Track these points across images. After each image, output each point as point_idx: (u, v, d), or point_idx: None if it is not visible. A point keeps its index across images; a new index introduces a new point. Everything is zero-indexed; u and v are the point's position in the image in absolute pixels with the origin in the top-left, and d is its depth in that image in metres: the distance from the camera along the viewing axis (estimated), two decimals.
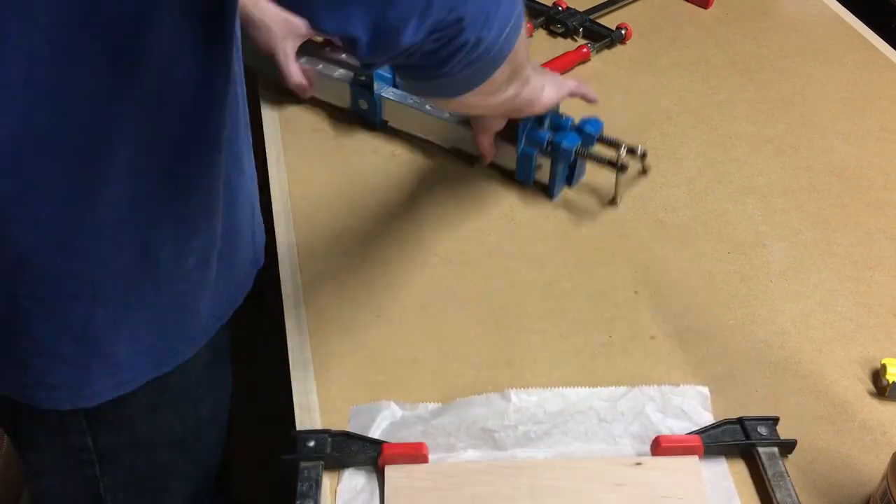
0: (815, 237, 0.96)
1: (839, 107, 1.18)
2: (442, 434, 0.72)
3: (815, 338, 0.85)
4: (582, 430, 0.73)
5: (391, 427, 0.73)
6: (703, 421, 0.75)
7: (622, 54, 1.27)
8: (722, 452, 0.73)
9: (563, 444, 0.72)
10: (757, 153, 1.09)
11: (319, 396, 0.77)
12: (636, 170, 1.00)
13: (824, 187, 1.04)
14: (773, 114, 1.16)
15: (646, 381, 0.79)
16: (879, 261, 0.94)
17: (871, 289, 0.90)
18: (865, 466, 0.72)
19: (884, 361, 0.80)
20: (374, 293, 0.87)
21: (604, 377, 0.80)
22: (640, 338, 0.84)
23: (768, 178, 1.05)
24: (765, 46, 1.30)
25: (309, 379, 0.79)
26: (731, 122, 1.14)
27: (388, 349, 0.82)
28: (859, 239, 0.97)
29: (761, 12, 1.39)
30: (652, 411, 0.74)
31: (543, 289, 0.88)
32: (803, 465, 0.74)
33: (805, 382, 0.80)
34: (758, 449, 0.72)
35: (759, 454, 0.72)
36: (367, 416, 0.74)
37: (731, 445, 0.73)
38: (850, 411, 0.76)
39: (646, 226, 0.97)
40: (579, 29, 1.28)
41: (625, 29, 1.27)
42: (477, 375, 0.80)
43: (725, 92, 1.20)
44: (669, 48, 1.29)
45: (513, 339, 0.83)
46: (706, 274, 0.91)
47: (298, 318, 0.84)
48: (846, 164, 1.08)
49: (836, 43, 1.32)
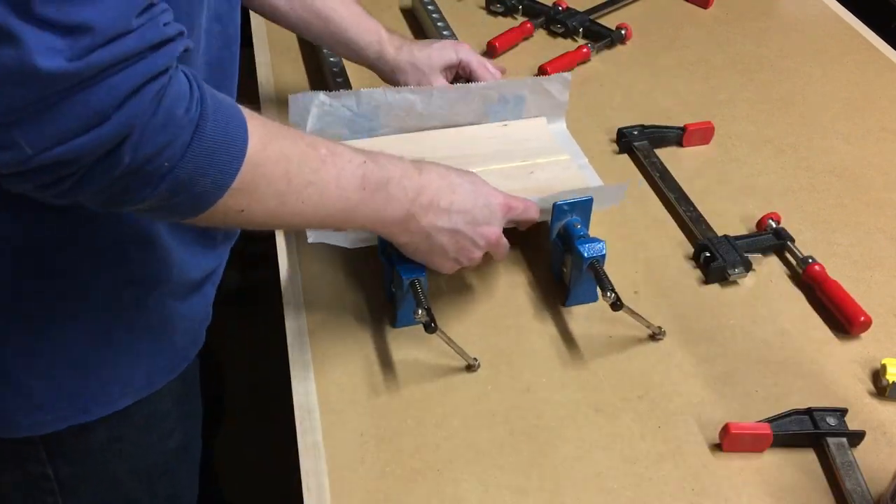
0: (815, 237, 0.96)
1: (839, 107, 1.18)
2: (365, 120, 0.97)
3: (815, 338, 0.85)
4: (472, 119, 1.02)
5: (320, 115, 0.95)
6: (563, 99, 1.03)
7: (622, 54, 1.27)
8: (791, 442, 0.74)
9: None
10: (757, 153, 1.09)
11: (319, 396, 0.77)
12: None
13: (824, 187, 1.04)
14: (773, 114, 1.16)
15: (646, 381, 0.80)
16: (879, 261, 0.94)
17: (871, 289, 0.90)
18: (866, 466, 0.72)
19: (884, 361, 0.80)
20: (374, 293, 0.87)
21: (604, 377, 0.80)
22: (641, 337, 0.84)
23: (768, 178, 1.05)
24: (765, 46, 1.30)
25: (309, 379, 0.79)
26: (731, 122, 1.14)
27: (389, 349, 0.82)
28: (859, 239, 0.97)
29: (761, 12, 1.39)
30: (526, 93, 1.02)
31: (544, 288, 0.89)
32: (804, 465, 0.74)
33: (805, 382, 0.80)
34: (826, 439, 0.73)
35: (827, 444, 0.73)
36: (302, 107, 0.94)
37: (799, 435, 0.74)
38: (850, 411, 0.76)
39: (646, 226, 0.97)
40: (579, 29, 1.28)
41: (625, 29, 1.28)
42: (477, 376, 0.80)
43: (725, 92, 1.20)
44: (669, 48, 1.29)
45: (512, 335, 0.83)
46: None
47: (298, 318, 0.84)
48: (846, 164, 1.08)
49: (836, 43, 1.32)
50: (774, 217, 0.96)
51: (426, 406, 0.77)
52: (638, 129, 1.08)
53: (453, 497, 0.70)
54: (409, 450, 0.73)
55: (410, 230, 0.74)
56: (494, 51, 1.23)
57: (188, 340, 0.79)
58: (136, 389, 0.74)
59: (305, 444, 0.74)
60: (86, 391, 0.71)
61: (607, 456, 0.74)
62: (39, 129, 0.49)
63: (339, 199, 0.68)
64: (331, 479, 0.71)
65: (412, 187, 0.73)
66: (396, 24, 1.30)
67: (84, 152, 0.50)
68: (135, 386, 0.74)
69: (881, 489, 0.70)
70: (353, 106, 0.97)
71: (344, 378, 0.79)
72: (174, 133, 0.54)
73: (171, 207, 0.58)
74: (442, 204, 0.75)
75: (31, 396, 0.69)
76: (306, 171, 0.65)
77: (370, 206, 0.71)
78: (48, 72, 0.47)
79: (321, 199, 0.67)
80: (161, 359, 0.76)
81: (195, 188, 0.57)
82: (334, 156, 0.67)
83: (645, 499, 0.71)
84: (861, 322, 0.84)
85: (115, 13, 0.49)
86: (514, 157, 0.97)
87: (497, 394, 0.78)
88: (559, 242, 0.87)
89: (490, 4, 1.34)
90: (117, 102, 0.50)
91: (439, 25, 1.23)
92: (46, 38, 0.46)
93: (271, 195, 0.63)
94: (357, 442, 0.74)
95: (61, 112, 0.49)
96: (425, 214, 0.74)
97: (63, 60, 0.47)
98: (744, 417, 0.76)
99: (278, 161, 0.62)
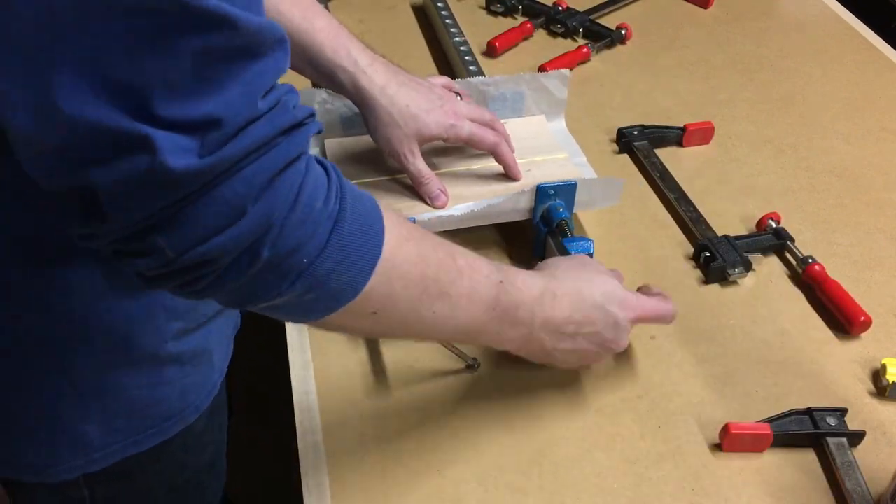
0: (815, 237, 0.96)
1: (839, 107, 1.18)
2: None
3: (815, 338, 0.85)
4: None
5: (320, 113, 0.96)
6: (561, 96, 1.02)
7: (622, 54, 1.27)
8: (791, 442, 0.74)
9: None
10: (757, 153, 1.09)
11: (319, 396, 0.77)
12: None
13: (824, 187, 1.04)
14: (773, 114, 1.16)
15: (646, 381, 0.80)
16: (879, 261, 0.94)
17: (871, 289, 0.90)
18: (866, 466, 0.72)
19: (884, 361, 0.80)
20: None
21: (604, 377, 0.80)
22: (640, 338, 0.84)
23: (768, 178, 1.05)
24: (765, 46, 1.30)
25: (309, 379, 0.79)
26: (731, 122, 1.14)
27: (389, 350, 0.82)
28: (859, 239, 0.97)
29: (761, 12, 1.39)
30: (525, 90, 1.02)
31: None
32: (804, 465, 0.74)
33: (805, 382, 0.80)
34: (826, 439, 0.73)
35: (827, 444, 0.73)
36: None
37: (799, 435, 0.74)
38: (850, 411, 0.76)
39: (646, 226, 0.97)
40: (579, 29, 1.28)
41: (625, 29, 1.28)
42: (477, 376, 0.80)
43: (725, 92, 1.20)
44: (669, 48, 1.29)
45: None
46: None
47: None
48: (846, 164, 1.08)
49: (836, 43, 1.32)
50: (774, 217, 0.96)
51: (426, 406, 0.77)
52: (638, 129, 1.08)
53: (453, 497, 0.70)
54: (409, 450, 0.73)
55: (528, 349, 0.72)
56: (494, 51, 1.23)
57: (223, 353, 0.78)
58: (185, 417, 0.74)
59: (305, 444, 0.74)
60: (136, 428, 0.71)
61: (607, 456, 0.74)
62: (179, 230, 0.48)
63: (467, 316, 0.64)
64: (331, 479, 0.71)
65: (541, 315, 0.69)
66: (407, 23, 1.30)
67: (225, 250, 0.49)
68: (184, 414, 0.74)
69: (881, 489, 0.70)
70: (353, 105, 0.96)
71: (344, 378, 0.79)
72: (313, 227, 0.52)
73: (304, 305, 0.55)
74: (568, 331, 0.71)
75: (83, 440, 0.69)
76: (442, 279, 0.62)
77: (494, 328, 0.67)
78: (182, 171, 0.45)
79: (452, 312, 0.63)
80: (207, 383, 0.76)
81: (331, 285, 0.54)
82: (472, 269, 0.64)
83: (645, 499, 0.71)
84: (861, 322, 0.84)
85: (241, 101, 0.47)
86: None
87: (497, 394, 0.78)
88: (542, 225, 0.87)
89: (490, 4, 1.34)
90: (254, 194, 0.48)
91: (448, 23, 1.23)
92: (175, 139, 0.45)
93: (404, 299, 0.59)
94: (357, 442, 0.74)
95: (199, 211, 0.47)
96: (548, 338, 0.70)
97: (195, 158, 0.45)
98: (744, 417, 0.76)
99: (416, 263, 0.60)
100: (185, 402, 0.74)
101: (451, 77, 1.18)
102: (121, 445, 0.71)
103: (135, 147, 0.45)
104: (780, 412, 0.75)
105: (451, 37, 1.20)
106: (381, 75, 0.86)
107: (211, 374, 0.76)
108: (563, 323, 0.70)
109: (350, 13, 1.32)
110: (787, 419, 0.75)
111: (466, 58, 1.15)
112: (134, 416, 0.70)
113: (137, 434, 0.71)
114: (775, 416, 0.75)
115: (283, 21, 0.82)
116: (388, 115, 0.86)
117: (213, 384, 0.77)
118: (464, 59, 1.15)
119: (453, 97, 0.92)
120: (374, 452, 0.73)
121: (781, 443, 0.74)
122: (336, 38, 0.85)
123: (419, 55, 1.24)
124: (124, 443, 0.71)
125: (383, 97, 0.86)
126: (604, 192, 0.90)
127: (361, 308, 0.57)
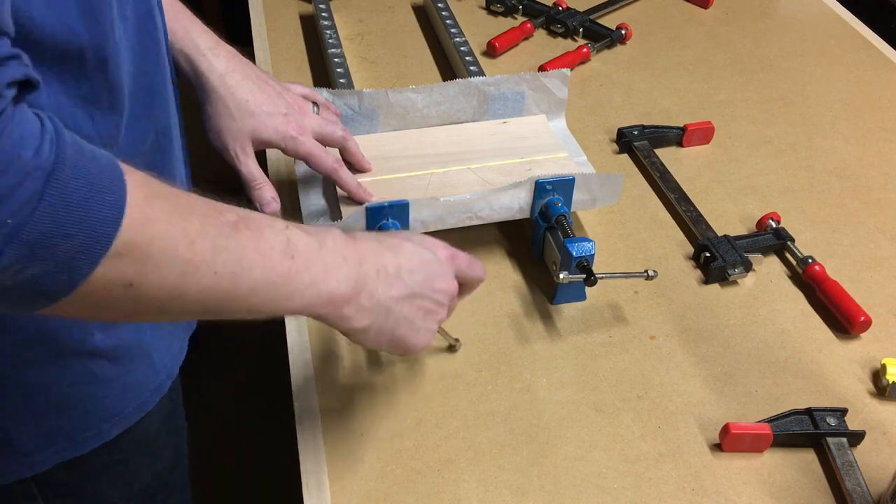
0: (815, 237, 0.96)
1: (839, 107, 1.18)
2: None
3: (815, 338, 0.85)
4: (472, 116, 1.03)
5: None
6: (562, 95, 1.03)
7: (622, 54, 1.27)
8: (791, 442, 0.74)
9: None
10: (757, 153, 1.09)
11: (319, 397, 0.77)
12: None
13: (824, 187, 1.04)
14: (773, 114, 1.16)
15: (646, 381, 0.80)
16: (879, 261, 0.94)
17: (871, 289, 0.90)
18: (866, 466, 0.72)
19: (884, 361, 0.80)
20: None
21: (604, 377, 0.80)
22: (640, 338, 0.84)
23: (768, 178, 1.05)
24: (765, 46, 1.30)
25: (309, 379, 0.79)
26: (731, 122, 1.14)
27: None
28: (859, 239, 0.97)
29: (761, 12, 1.39)
30: (526, 89, 1.02)
31: (544, 289, 0.89)
32: (804, 464, 0.74)
33: (805, 382, 0.80)
34: (826, 439, 0.74)
35: (827, 444, 0.73)
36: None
37: (800, 435, 0.74)
38: (850, 411, 0.76)
39: (645, 226, 0.97)
40: (579, 29, 1.28)
41: (625, 29, 1.28)
42: (477, 376, 0.80)
43: (725, 92, 1.20)
44: (669, 48, 1.29)
45: (512, 335, 0.83)
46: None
47: (298, 318, 0.84)
48: (846, 164, 1.08)
49: (836, 43, 1.32)
50: (774, 217, 0.96)
51: (426, 406, 0.77)
52: (638, 129, 1.08)
53: (453, 497, 0.70)
54: (409, 450, 0.73)
55: (365, 307, 0.63)
56: (494, 50, 1.23)
57: (166, 351, 0.75)
58: (126, 417, 0.72)
59: (305, 444, 0.74)
60: (73, 429, 0.69)
61: (607, 456, 0.74)
62: None
63: (263, 269, 0.55)
64: (331, 479, 0.71)
65: (350, 255, 0.61)
66: (407, 23, 1.30)
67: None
68: (125, 413, 0.72)
69: (881, 489, 0.70)
70: (354, 105, 0.97)
71: (344, 378, 0.79)
72: (16, 178, 0.43)
73: (31, 283, 0.45)
74: (390, 269, 0.64)
75: (14, 443, 0.66)
76: (212, 234, 0.52)
77: (305, 278, 0.58)
78: None
79: (239, 267, 0.54)
80: (149, 382, 0.73)
81: (58, 254, 0.45)
82: (246, 219, 0.55)
83: (645, 499, 0.71)
84: (861, 322, 0.84)
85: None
86: (512, 154, 0.97)
87: (497, 394, 0.78)
88: (540, 220, 0.87)
89: (490, 4, 1.34)
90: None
91: (448, 23, 1.23)
92: None
93: (169, 262, 0.50)
94: (357, 442, 0.74)
95: None
96: (376, 285, 0.63)
97: None
98: (744, 417, 0.76)
99: (172, 219, 0.50)
100: (125, 401, 0.71)
101: (452, 77, 1.19)
102: (59, 447, 0.68)
103: None
104: (780, 412, 0.75)
105: (451, 37, 1.20)
106: (223, 61, 0.81)
107: (153, 373, 0.73)
108: (378, 259, 0.64)
109: (350, 13, 1.32)
110: (787, 419, 0.75)
111: (466, 58, 1.15)
112: (66, 415, 0.67)
113: (75, 435, 0.68)
114: (775, 416, 0.75)
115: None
116: (223, 106, 0.81)
117: (158, 384, 0.74)
118: (464, 58, 1.15)
119: (305, 109, 0.86)
120: (374, 452, 0.73)
121: (781, 443, 0.74)
122: (175, 21, 0.78)
123: (419, 55, 1.24)
124: (62, 444, 0.68)
125: (222, 86, 0.80)
126: (603, 188, 0.90)
127: (110, 281, 0.48)
